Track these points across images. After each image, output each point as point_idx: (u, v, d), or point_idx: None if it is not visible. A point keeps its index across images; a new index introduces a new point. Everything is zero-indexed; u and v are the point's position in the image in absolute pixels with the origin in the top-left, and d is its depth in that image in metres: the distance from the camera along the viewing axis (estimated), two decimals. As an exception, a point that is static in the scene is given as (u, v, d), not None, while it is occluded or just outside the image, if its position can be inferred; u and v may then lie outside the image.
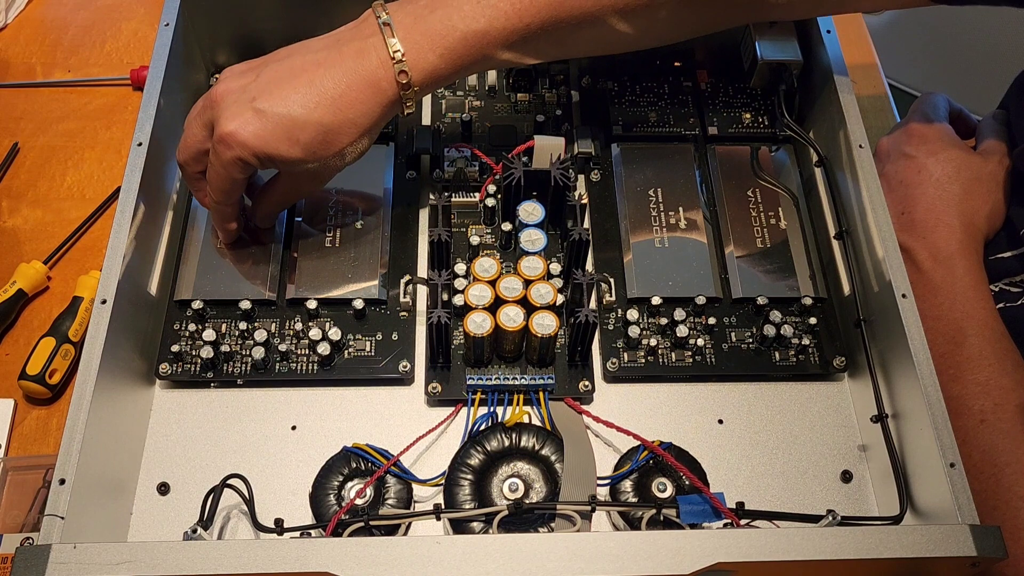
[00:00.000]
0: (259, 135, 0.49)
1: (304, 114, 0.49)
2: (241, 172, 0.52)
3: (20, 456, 0.58)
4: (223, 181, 0.53)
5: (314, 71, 0.50)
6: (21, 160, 0.73)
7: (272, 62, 0.52)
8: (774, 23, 0.66)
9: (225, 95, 0.51)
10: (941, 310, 0.58)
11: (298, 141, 0.50)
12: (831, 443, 0.57)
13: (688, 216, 0.62)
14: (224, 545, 0.42)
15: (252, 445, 0.55)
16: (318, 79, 0.50)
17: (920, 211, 0.61)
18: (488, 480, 0.52)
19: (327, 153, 0.51)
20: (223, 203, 0.55)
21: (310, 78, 0.50)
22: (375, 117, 0.51)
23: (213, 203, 0.55)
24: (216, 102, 0.51)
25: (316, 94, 0.50)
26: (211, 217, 0.58)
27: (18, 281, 0.64)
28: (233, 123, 0.49)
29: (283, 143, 0.50)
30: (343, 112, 0.50)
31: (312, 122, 0.50)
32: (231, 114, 0.50)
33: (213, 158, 0.52)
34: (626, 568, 0.41)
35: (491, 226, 0.62)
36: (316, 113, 0.50)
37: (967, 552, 0.42)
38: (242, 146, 0.50)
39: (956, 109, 0.69)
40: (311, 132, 0.50)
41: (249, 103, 0.50)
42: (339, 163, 0.53)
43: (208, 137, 0.52)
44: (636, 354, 0.58)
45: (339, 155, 0.52)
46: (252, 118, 0.49)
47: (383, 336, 0.58)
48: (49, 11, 0.85)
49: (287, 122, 0.49)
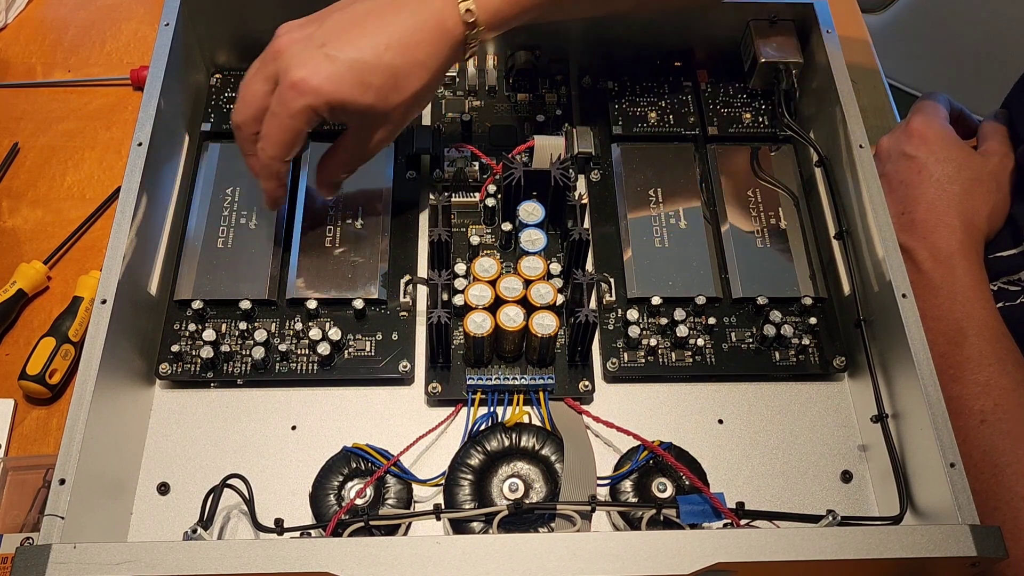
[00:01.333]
0: (332, 80, 0.48)
1: (374, 57, 0.49)
2: (308, 123, 0.50)
3: (20, 456, 0.58)
4: (287, 133, 0.50)
5: (381, 14, 0.50)
6: (21, 160, 0.73)
7: (335, 11, 0.52)
8: (774, 23, 0.66)
9: (290, 44, 0.50)
10: (941, 310, 0.58)
11: (370, 85, 0.49)
12: (831, 443, 0.57)
13: (688, 216, 0.62)
14: (224, 545, 0.42)
15: (252, 445, 0.55)
16: (386, 22, 0.50)
17: (920, 211, 0.61)
18: (488, 480, 0.52)
19: (398, 98, 0.51)
20: (280, 159, 0.52)
21: (377, 21, 0.50)
22: (442, 59, 0.51)
23: (269, 159, 0.52)
24: (281, 52, 0.50)
25: (385, 37, 0.49)
26: (261, 180, 0.55)
27: (18, 281, 0.64)
28: (303, 70, 0.48)
29: (356, 88, 0.49)
30: (412, 53, 0.50)
31: (383, 65, 0.49)
32: (300, 61, 0.49)
33: (278, 108, 0.50)
34: (626, 568, 0.41)
35: (491, 226, 0.62)
36: (386, 56, 0.49)
37: (967, 552, 0.42)
38: (314, 93, 0.49)
39: (957, 109, 0.69)
40: (382, 75, 0.49)
41: (318, 49, 0.49)
42: (407, 111, 0.53)
43: (270, 92, 0.51)
44: (636, 354, 0.58)
45: (408, 101, 0.51)
46: (323, 63, 0.49)
47: (383, 336, 0.58)
48: (49, 11, 0.85)
49: (358, 66, 0.49)
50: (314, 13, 0.53)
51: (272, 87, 0.51)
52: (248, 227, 0.61)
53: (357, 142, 0.54)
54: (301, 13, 0.66)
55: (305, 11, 0.66)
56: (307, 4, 0.66)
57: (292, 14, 0.66)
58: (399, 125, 0.54)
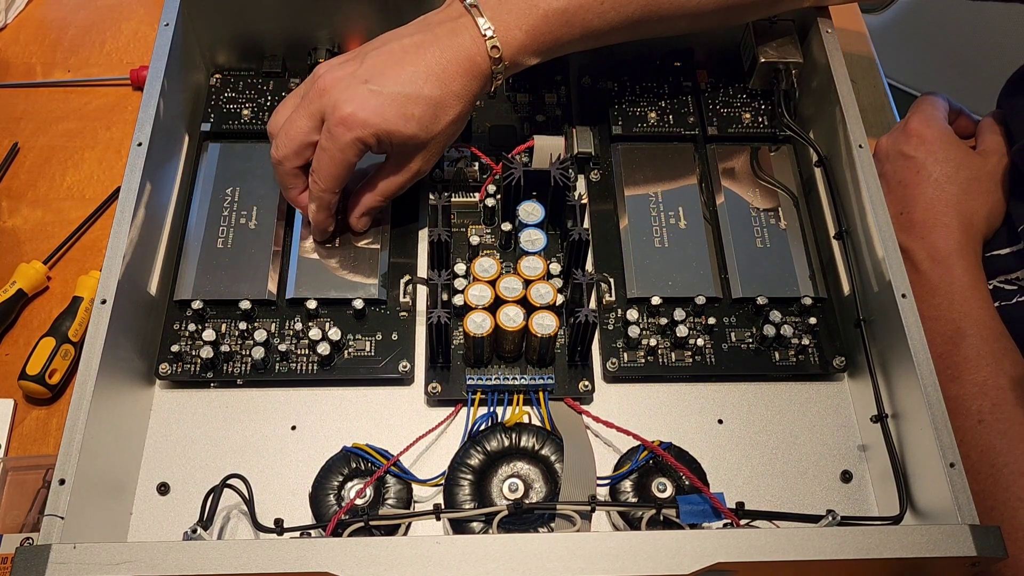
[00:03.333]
0: (378, 112, 0.52)
1: (415, 90, 0.52)
2: (357, 155, 0.53)
3: (20, 456, 0.58)
4: (338, 166, 0.54)
5: (416, 52, 0.53)
6: (21, 160, 0.73)
7: (370, 51, 0.54)
8: (774, 23, 0.66)
9: (335, 82, 0.53)
10: (939, 310, 0.58)
11: (413, 116, 0.53)
12: (831, 443, 0.57)
13: (688, 216, 0.62)
14: (224, 545, 0.42)
15: (252, 445, 0.55)
16: (421, 58, 0.53)
17: (919, 211, 0.61)
18: (488, 480, 0.52)
19: (437, 127, 0.54)
20: (331, 191, 0.55)
21: (414, 58, 0.53)
22: (473, 90, 0.55)
23: (322, 192, 0.55)
24: (326, 90, 0.53)
25: (423, 71, 0.53)
26: (312, 213, 0.57)
27: (18, 281, 0.64)
28: (351, 105, 0.52)
29: (400, 119, 0.52)
30: (447, 85, 0.53)
31: (423, 97, 0.53)
32: (347, 97, 0.52)
33: (329, 143, 0.53)
34: (626, 568, 0.41)
35: (491, 226, 0.62)
36: (425, 88, 0.53)
37: (967, 552, 0.42)
38: (363, 125, 0.52)
39: (956, 109, 0.69)
40: (423, 106, 0.53)
41: (362, 85, 0.52)
42: (446, 139, 0.56)
43: (315, 128, 0.54)
44: (636, 354, 0.58)
45: (447, 129, 0.55)
46: (369, 97, 0.52)
47: (383, 336, 0.58)
48: (49, 11, 0.84)
49: (401, 99, 0.52)
50: (350, 51, 0.56)
51: (317, 123, 0.54)
52: (248, 227, 0.61)
53: (397, 171, 0.57)
54: (301, 13, 0.66)
55: (305, 12, 0.66)
56: (307, 4, 0.66)
57: (292, 14, 0.67)
58: (436, 154, 0.57)
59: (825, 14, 0.65)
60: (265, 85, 0.68)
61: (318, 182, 0.55)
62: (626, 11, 0.56)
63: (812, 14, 0.65)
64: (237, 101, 0.67)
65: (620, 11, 0.56)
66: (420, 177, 0.58)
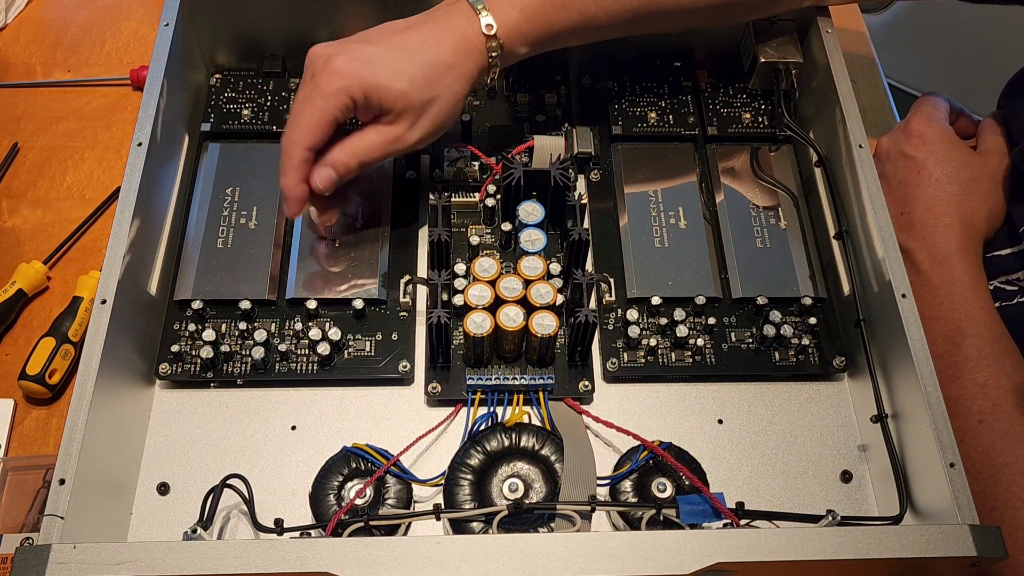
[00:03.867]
0: (369, 65, 0.51)
1: (407, 51, 0.53)
2: (338, 108, 0.52)
3: (20, 456, 0.58)
4: (316, 115, 0.52)
5: (409, 29, 0.54)
6: (21, 160, 0.73)
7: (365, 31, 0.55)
8: (774, 22, 0.66)
9: (326, 46, 0.53)
10: (940, 310, 0.58)
11: (404, 73, 0.52)
12: (831, 443, 0.57)
13: (688, 216, 0.62)
14: (224, 545, 0.42)
15: (252, 445, 0.55)
16: (416, 31, 0.54)
17: (919, 211, 0.61)
18: (488, 480, 0.52)
19: (429, 93, 0.53)
20: (302, 144, 0.52)
21: (407, 33, 0.54)
22: (468, 67, 0.54)
23: (290, 143, 0.52)
24: (319, 54, 0.53)
25: (417, 39, 0.53)
26: (281, 176, 0.54)
27: (18, 281, 0.64)
28: (342, 57, 0.52)
29: (390, 75, 0.52)
30: (440, 55, 0.53)
31: (416, 58, 0.53)
32: (339, 51, 0.52)
33: (311, 92, 0.52)
34: (626, 568, 0.41)
35: (491, 226, 0.62)
36: (418, 52, 0.53)
37: (967, 552, 0.42)
38: (352, 76, 0.51)
39: (956, 109, 0.69)
40: (415, 67, 0.52)
41: (357, 44, 0.53)
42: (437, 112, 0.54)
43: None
44: (636, 354, 0.58)
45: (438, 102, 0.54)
46: (360, 51, 0.52)
47: (383, 336, 0.58)
48: (49, 11, 0.84)
49: (393, 56, 0.52)
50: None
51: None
52: (248, 227, 0.61)
53: (378, 132, 0.54)
54: (301, 13, 0.66)
55: (305, 12, 0.66)
56: (307, 4, 0.66)
57: (292, 14, 0.67)
58: (424, 128, 0.55)
59: (825, 14, 0.65)
60: (265, 85, 0.68)
61: (290, 132, 0.52)
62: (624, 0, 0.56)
63: (812, 14, 0.65)
64: (237, 101, 0.67)
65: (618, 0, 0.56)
66: (400, 150, 0.55)
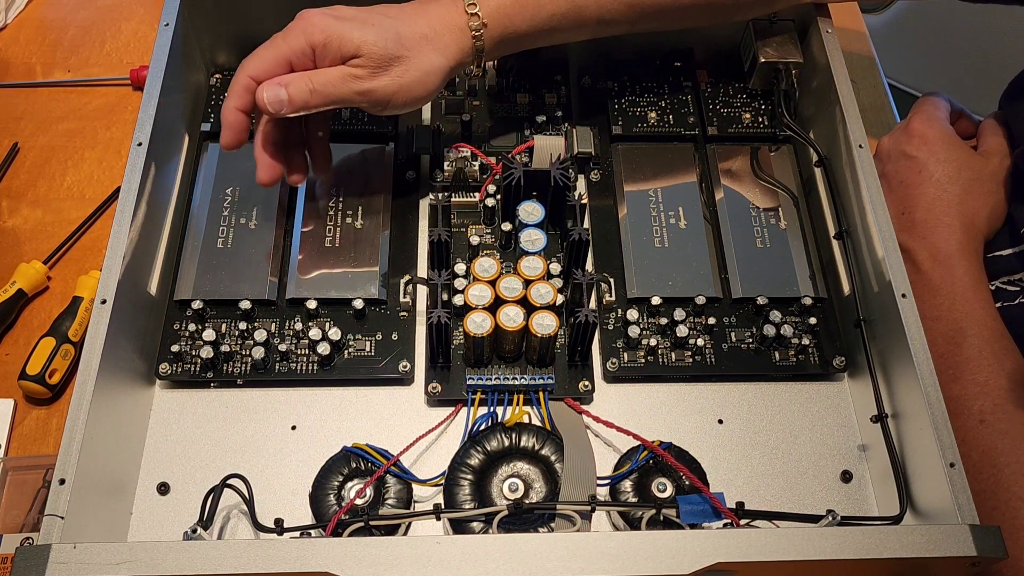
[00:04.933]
0: (337, 18, 0.52)
1: (381, 19, 0.53)
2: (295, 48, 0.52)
3: (20, 456, 0.58)
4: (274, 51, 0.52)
5: (394, 7, 0.55)
6: (21, 160, 0.73)
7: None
8: (774, 22, 0.66)
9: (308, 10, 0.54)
10: (940, 310, 0.58)
11: (370, 28, 0.53)
12: (831, 443, 0.57)
13: (688, 216, 0.62)
14: (224, 545, 0.42)
15: (252, 445, 0.55)
16: (396, 8, 0.55)
17: (920, 211, 0.61)
18: (488, 480, 0.52)
19: (396, 50, 0.53)
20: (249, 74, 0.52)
21: (390, 7, 0.55)
22: (448, 41, 0.55)
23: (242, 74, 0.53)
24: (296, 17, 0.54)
25: (395, 11, 0.55)
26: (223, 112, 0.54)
27: (18, 281, 0.64)
28: (315, 13, 0.53)
29: (354, 28, 0.52)
30: (416, 26, 0.54)
31: (387, 23, 0.53)
32: (313, 11, 0.53)
33: (277, 36, 0.53)
34: (626, 568, 0.41)
35: (491, 226, 0.62)
36: (392, 20, 0.54)
37: (967, 552, 0.42)
38: (317, 24, 0.52)
39: (957, 109, 0.69)
40: (384, 28, 0.53)
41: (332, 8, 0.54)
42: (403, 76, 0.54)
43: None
44: (636, 354, 0.58)
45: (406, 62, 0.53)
46: (333, 12, 0.53)
47: (383, 336, 0.58)
48: (49, 11, 0.84)
49: (364, 17, 0.53)
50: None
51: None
52: (248, 227, 0.61)
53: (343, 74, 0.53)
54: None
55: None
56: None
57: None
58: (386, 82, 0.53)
59: (825, 13, 0.65)
60: (265, 85, 0.68)
61: (245, 63, 0.53)
62: None
63: (812, 14, 0.65)
64: (237, 101, 0.67)
65: None
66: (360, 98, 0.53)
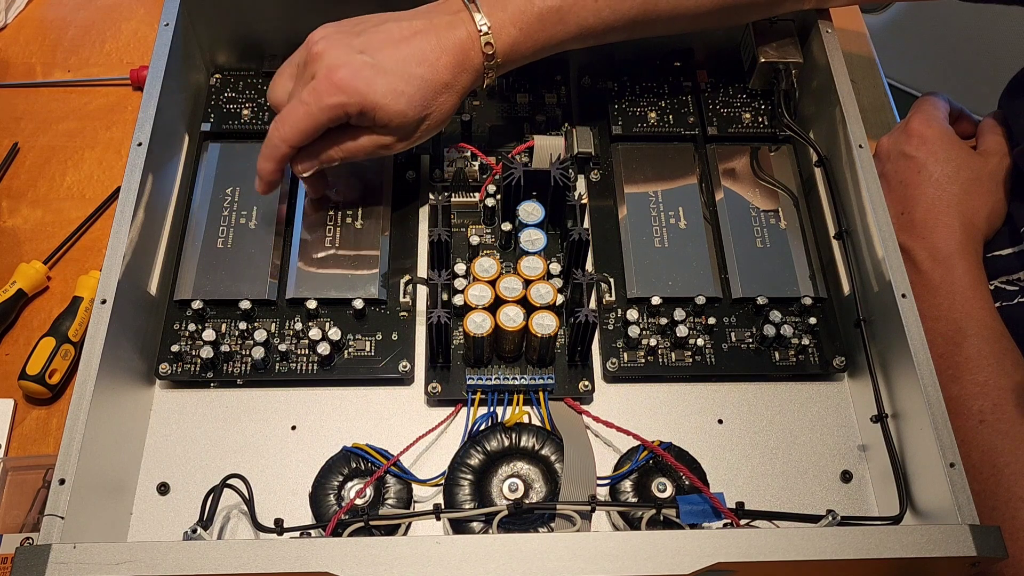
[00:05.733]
0: (370, 84, 0.52)
1: (409, 69, 0.53)
2: (332, 120, 0.53)
3: (20, 456, 0.58)
4: (310, 121, 0.53)
5: (413, 37, 0.54)
6: (21, 160, 0.73)
7: (369, 26, 0.55)
8: (774, 23, 0.66)
9: (329, 47, 0.53)
10: (940, 310, 0.58)
11: (403, 93, 0.53)
12: (831, 443, 0.57)
13: (688, 216, 0.62)
14: (224, 545, 0.42)
15: (252, 445, 0.55)
16: (417, 43, 0.54)
17: (920, 211, 0.61)
18: (488, 480, 0.52)
19: (425, 111, 0.54)
20: (289, 143, 0.54)
21: (410, 41, 0.54)
22: (464, 83, 0.55)
23: (280, 140, 0.54)
24: (320, 55, 0.53)
25: (417, 54, 0.53)
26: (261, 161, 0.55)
27: (18, 281, 0.64)
28: (345, 70, 0.52)
29: (390, 95, 0.52)
30: (440, 73, 0.54)
31: (415, 77, 0.53)
32: (342, 62, 0.52)
33: (309, 98, 0.52)
34: (626, 568, 0.41)
35: (491, 226, 0.62)
36: (419, 69, 0.53)
37: (967, 552, 0.42)
38: (352, 93, 0.52)
39: (956, 109, 0.69)
40: (414, 86, 0.53)
41: (358, 55, 0.52)
42: (430, 126, 0.56)
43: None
44: (636, 354, 0.58)
45: (433, 116, 0.55)
46: (363, 67, 0.52)
47: (383, 336, 0.58)
48: (49, 11, 0.84)
49: (394, 75, 0.52)
50: (345, 21, 0.56)
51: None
52: (248, 227, 0.61)
53: (370, 140, 0.55)
54: (301, 13, 0.66)
55: (305, 12, 0.66)
56: (306, 4, 0.66)
57: (292, 14, 0.67)
58: (413, 141, 0.56)
59: (825, 15, 0.65)
60: (265, 85, 0.68)
61: (281, 128, 0.53)
62: (622, 9, 0.56)
63: (812, 15, 0.65)
64: (237, 101, 0.67)
65: (616, 10, 0.56)
66: (385, 155, 0.57)
